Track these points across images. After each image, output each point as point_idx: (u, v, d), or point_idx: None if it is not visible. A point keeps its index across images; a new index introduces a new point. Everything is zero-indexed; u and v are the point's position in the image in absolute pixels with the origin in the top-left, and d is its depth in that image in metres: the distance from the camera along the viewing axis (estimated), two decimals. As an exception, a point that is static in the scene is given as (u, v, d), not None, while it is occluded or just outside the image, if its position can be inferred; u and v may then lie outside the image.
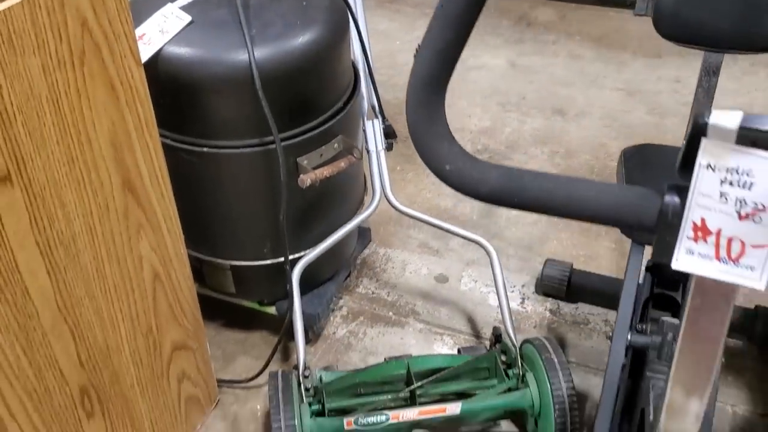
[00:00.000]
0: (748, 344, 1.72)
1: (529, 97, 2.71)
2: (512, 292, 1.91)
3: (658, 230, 0.64)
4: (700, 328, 0.67)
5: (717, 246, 0.62)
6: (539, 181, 0.69)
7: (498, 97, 2.72)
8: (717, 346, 0.67)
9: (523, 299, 1.89)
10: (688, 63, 2.79)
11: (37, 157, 1.00)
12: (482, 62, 2.92)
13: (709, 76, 1.44)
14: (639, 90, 2.74)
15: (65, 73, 1.01)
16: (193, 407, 1.55)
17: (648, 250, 1.43)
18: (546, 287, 1.86)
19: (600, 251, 2.03)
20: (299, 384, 1.44)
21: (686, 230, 0.62)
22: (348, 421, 1.37)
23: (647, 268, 1.43)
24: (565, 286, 1.83)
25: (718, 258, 0.62)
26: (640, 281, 1.43)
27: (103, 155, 1.13)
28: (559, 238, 2.07)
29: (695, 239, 0.62)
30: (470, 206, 2.19)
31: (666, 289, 1.38)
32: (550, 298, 1.89)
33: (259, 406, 1.64)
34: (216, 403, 1.64)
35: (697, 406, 0.72)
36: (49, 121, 1.01)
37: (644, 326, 1.24)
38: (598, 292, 1.82)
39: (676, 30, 1.37)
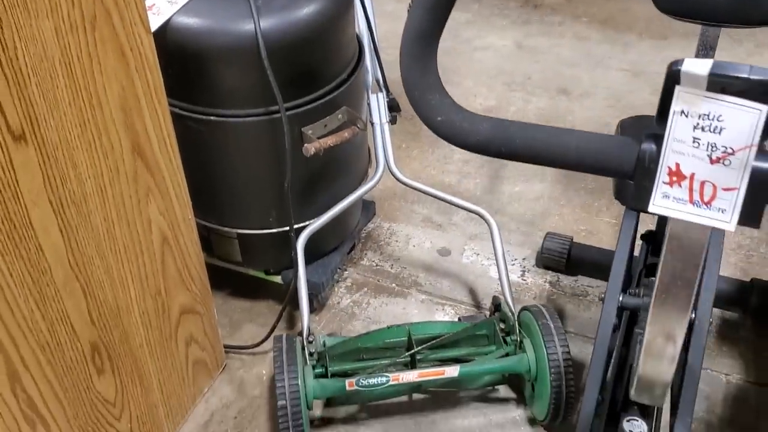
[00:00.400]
0: (743, 316, 1.75)
1: (534, 77, 2.73)
2: (513, 265, 1.94)
3: (636, 176, 0.68)
4: (676, 269, 0.70)
5: (690, 190, 0.65)
6: (526, 132, 0.72)
7: (504, 77, 2.74)
8: (691, 288, 0.71)
9: (524, 272, 1.93)
10: (694, 45, 2.79)
11: (50, 118, 1.04)
12: (489, 43, 2.94)
13: (706, 50, 1.47)
14: (644, 71, 2.75)
15: (77, 37, 1.05)
16: (200, 370, 1.60)
17: (642, 219, 1.46)
18: (546, 260, 1.89)
19: (600, 226, 2.06)
20: (303, 348, 1.48)
21: (662, 175, 0.66)
22: (350, 382, 1.41)
23: (642, 237, 1.46)
24: (565, 258, 1.86)
25: (691, 201, 0.66)
26: (636, 253, 1.46)
27: (114, 119, 1.17)
28: (561, 214, 2.11)
29: (670, 184, 0.66)
30: (473, 183, 2.23)
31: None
32: (550, 271, 1.92)
33: (264, 371, 1.69)
34: (223, 368, 1.69)
35: (673, 348, 0.75)
36: (62, 84, 1.05)
37: (637, 290, 1.27)
38: (597, 264, 1.84)
39: (674, 4, 1.39)
